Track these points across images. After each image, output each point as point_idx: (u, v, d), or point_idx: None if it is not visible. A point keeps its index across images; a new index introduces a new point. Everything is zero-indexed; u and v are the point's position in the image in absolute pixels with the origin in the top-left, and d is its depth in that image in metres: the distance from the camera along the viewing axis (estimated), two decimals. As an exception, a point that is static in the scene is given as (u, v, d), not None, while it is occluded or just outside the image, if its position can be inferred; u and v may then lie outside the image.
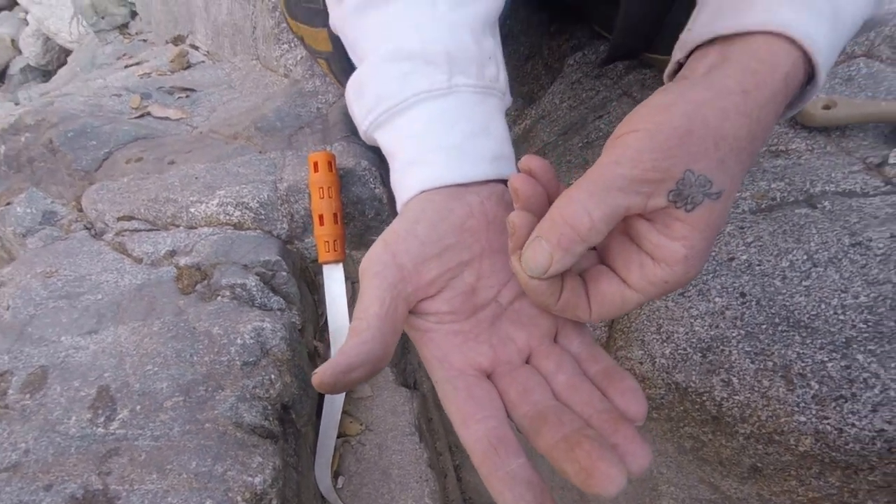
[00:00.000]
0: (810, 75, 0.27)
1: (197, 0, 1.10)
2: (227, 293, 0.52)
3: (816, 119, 0.55)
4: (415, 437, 0.52)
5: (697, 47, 0.28)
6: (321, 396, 0.53)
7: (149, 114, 0.86)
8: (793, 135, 0.57)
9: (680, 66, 0.30)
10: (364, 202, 0.61)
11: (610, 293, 0.26)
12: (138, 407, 0.43)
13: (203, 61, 1.07)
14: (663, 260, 0.25)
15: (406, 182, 0.31)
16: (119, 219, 0.66)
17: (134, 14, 1.74)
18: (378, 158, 0.64)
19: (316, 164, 0.56)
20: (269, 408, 0.44)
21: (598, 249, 0.29)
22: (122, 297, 0.54)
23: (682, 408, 0.50)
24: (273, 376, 0.46)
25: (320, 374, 0.24)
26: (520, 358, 0.29)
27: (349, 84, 0.34)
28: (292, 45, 0.80)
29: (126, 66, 1.18)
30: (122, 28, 1.77)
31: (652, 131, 0.24)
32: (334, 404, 0.52)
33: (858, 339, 0.43)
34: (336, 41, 0.55)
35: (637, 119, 0.25)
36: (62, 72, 2.00)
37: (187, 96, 0.90)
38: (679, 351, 0.49)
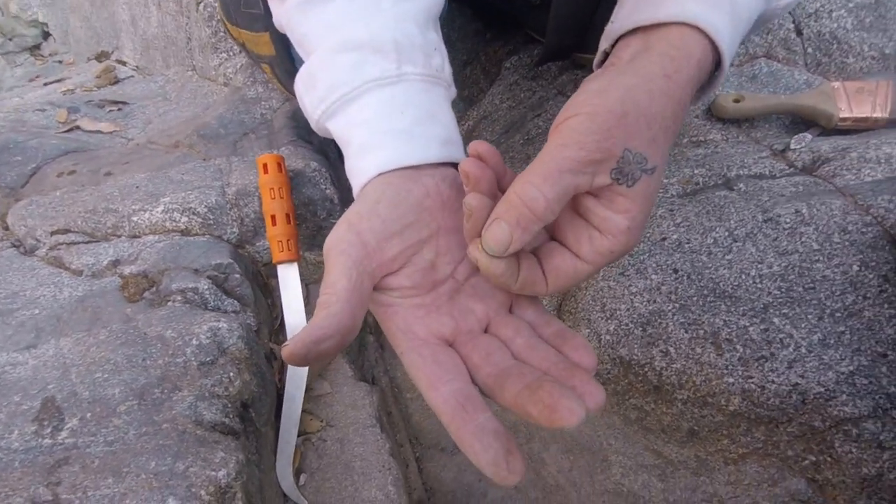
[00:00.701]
0: (717, 63, 0.31)
1: (122, 15, 1.07)
2: (179, 298, 0.52)
3: (728, 112, 0.61)
4: (376, 429, 0.52)
5: (621, 37, 0.32)
6: (280, 396, 0.53)
7: (78, 128, 0.83)
8: (710, 126, 0.63)
9: (606, 55, 0.33)
10: (315, 203, 0.62)
11: (564, 267, 0.29)
12: (88, 415, 0.41)
13: (132, 76, 1.04)
14: (609, 231, 0.27)
15: (361, 166, 0.32)
16: (53, 233, 0.63)
17: (46, 35, 1.66)
18: (327, 160, 0.65)
19: (265, 166, 0.57)
20: (230, 405, 0.43)
21: (547, 227, 0.31)
22: (61, 311, 0.52)
23: (626, 381, 0.53)
24: (232, 374, 0.45)
25: (291, 346, 0.25)
26: (479, 327, 0.30)
27: (298, 77, 0.35)
28: (231, 53, 0.79)
29: (45, 85, 1.12)
30: (34, 49, 1.68)
31: (591, 114, 0.26)
32: (294, 402, 0.52)
33: (774, 304, 0.48)
34: (279, 44, 0.56)
35: (577, 104, 0.27)
36: (-37, 96, 1.87)
37: (119, 109, 0.87)
38: (622, 327, 0.53)
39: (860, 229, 0.48)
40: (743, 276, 0.50)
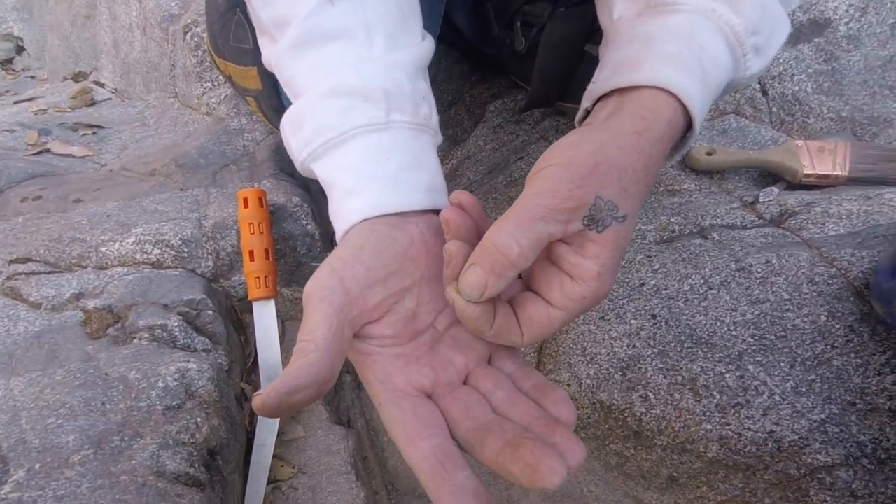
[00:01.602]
0: (689, 124, 0.32)
1: (104, 37, 1.06)
2: (146, 335, 0.49)
3: (702, 164, 0.64)
4: (350, 476, 0.50)
5: (600, 98, 0.33)
6: (250, 441, 0.50)
7: (48, 151, 0.80)
8: (684, 177, 0.66)
9: (587, 112, 0.35)
10: (296, 238, 0.60)
11: (537, 315, 0.28)
12: (38, 465, 0.38)
13: (110, 98, 1.02)
14: (580, 277, 0.28)
15: (345, 211, 0.32)
16: (12, 262, 0.59)
17: (20, 49, 1.62)
18: (309, 195, 0.64)
19: (246, 200, 0.55)
20: (195, 454, 0.41)
21: (523, 277, 0.31)
22: (15, 347, 0.49)
23: (606, 426, 0.53)
24: (199, 420, 0.43)
25: (263, 396, 0.24)
26: (459, 379, 0.30)
27: (285, 118, 0.35)
28: (216, 83, 0.79)
29: (16, 102, 1.09)
30: (5, 64, 1.64)
31: (565, 165, 0.27)
32: (265, 448, 0.49)
33: (748, 351, 0.49)
34: (266, 79, 0.56)
35: (551, 155, 0.28)
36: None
37: (94, 133, 0.85)
38: (602, 371, 0.53)
39: (826, 280, 0.50)
40: (718, 323, 0.51)
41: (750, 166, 0.64)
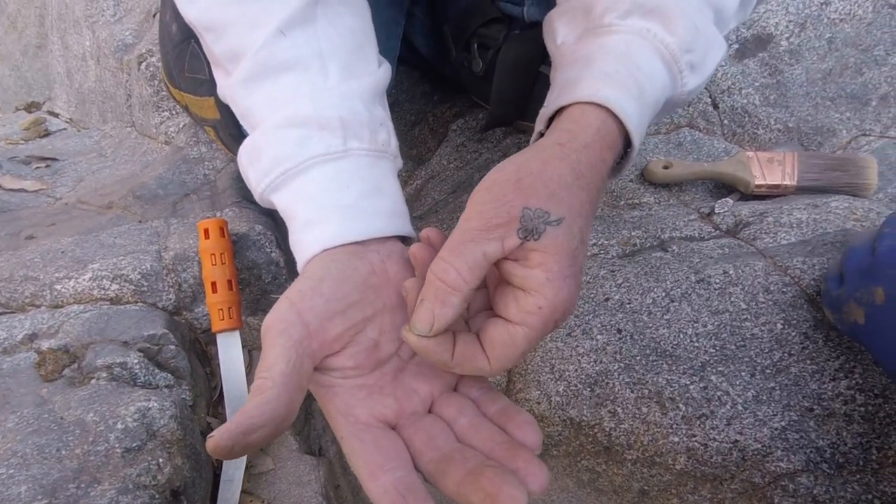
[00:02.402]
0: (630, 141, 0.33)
1: (57, 67, 1.04)
2: (104, 374, 0.48)
3: (659, 177, 0.66)
4: (323, 509, 0.49)
5: (550, 119, 0.34)
6: (217, 477, 0.49)
7: (-1, 186, 0.77)
8: (643, 190, 0.67)
9: (542, 135, 0.36)
10: (260, 267, 0.60)
11: (498, 334, 0.28)
12: (-13, 521, 0.36)
13: (65, 129, 0.99)
14: (530, 288, 0.27)
15: (305, 241, 0.32)
16: (-39, 302, 0.57)
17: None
18: (273, 222, 0.64)
19: (207, 231, 0.55)
20: (157, 496, 0.40)
21: (490, 306, 0.31)
22: (-36, 393, 0.47)
23: (577, 442, 0.53)
24: (161, 460, 0.42)
25: (216, 438, 0.23)
26: (423, 408, 0.30)
27: (241, 150, 0.35)
28: (173, 112, 0.78)
29: (-36, 136, 1.06)
30: (-46, 95, 1.59)
31: (489, 187, 0.28)
32: (232, 484, 0.48)
33: (710, 362, 0.50)
34: (224, 109, 0.55)
35: (480, 182, 0.29)
36: None
37: (47, 166, 0.83)
38: (571, 388, 0.53)
39: (781, 289, 0.52)
40: (681, 336, 0.52)
41: (705, 178, 0.66)
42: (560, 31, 0.39)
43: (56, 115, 1.02)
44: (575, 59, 0.35)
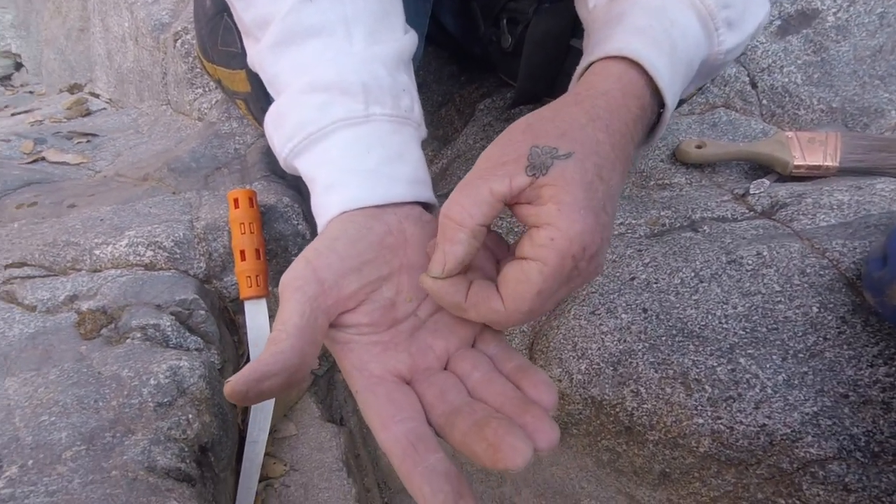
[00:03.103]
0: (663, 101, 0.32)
1: (98, 48, 1.07)
2: (138, 335, 0.49)
3: (692, 157, 0.64)
4: (342, 473, 0.50)
5: None
6: (242, 439, 0.51)
7: (43, 159, 0.81)
8: (674, 171, 0.66)
9: None
10: (287, 238, 0.61)
11: (511, 272, 0.27)
12: (30, 462, 0.38)
13: (105, 108, 1.03)
14: (543, 222, 0.26)
15: (326, 204, 0.32)
16: (7, 266, 0.60)
17: (19, 66, 1.65)
18: (300, 196, 0.65)
19: (236, 201, 0.56)
20: (186, 449, 0.41)
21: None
22: (9, 348, 0.49)
23: (598, 421, 0.53)
24: (191, 416, 0.43)
25: (232, 382, 0.24)
26: (438, 364, 0.30)
27: (268, 116, 0.36)
28: (206, 88, 0.79)
29: (13, 115, 1.11)
30: (4, 80, 1.67)
31: (500, 137, 0.29)
32: (256, 445, 0.50)
33: (740, 344, 0.49)
34: (254, 82, 0.56)
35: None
36: (-72, 128, 1.83)
37: (88, 141, 0.86)
38: (593, 366, 0.52)
39: (818, 272, 0.50)
40: (709, 317, 0.51)
41: (740, 159, 0.64)
42: None
43: (97, 96, 1.06)
44: (608, 19, 0.34)
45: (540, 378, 0.27)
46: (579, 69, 0.33)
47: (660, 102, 0.32)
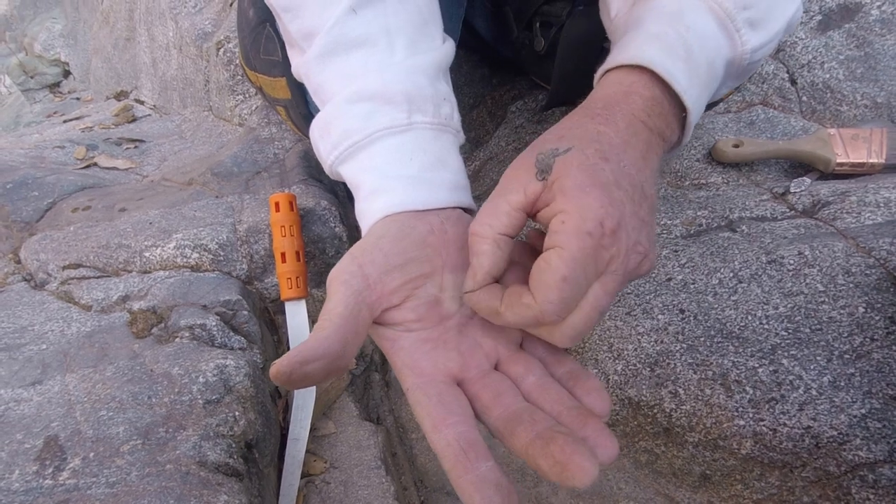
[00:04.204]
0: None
1: (143, 57, 1.12)
2: (186, 334, 0.52)
3: (728, 156, 0.63)
4: (381, 471, 0.51)
5: None
6: (284, 437, 0.52)
7: (95, 164, 0.85)
8: (710, 170, 0.65)
9: None
10: (324, 241, 0.62)
11: (536, 266, 0.27)
12: (91, 454, 0.41)
13: (149, 115, 1.07)
14: (559, 210, 0.27)
15: (370, 209, 0.33)
16: (65, 267, 0.63)
17: (67, 73, 1.73)
18: (337, 199, 0.66)
19: (277, 205, 0.58)
20: (234, 445, 0.43)
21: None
22: (69, 346, 0.52)
23: (635, 422, 0.52)
24: (237, 413, 0.45)
25: (277, 364, 0.25)
26: (489, 363, 0.30)
27: (314, 124, 0.37)
28: (247, 95, 0.82)
29: (65, 122, 1.16)
30: (53, 87, 1.74)
31: (513, 161, 0.30)
32: (298, 443, 0.51)
33: (782, 345, 0.48)
34: (295, 89, 0.58)
35: None
36: (-20, 132, 1.94)
37: (136, 147, 0.90)
38: (630, 367, 0.52)
39: (864, 271, 0.49)
40: (749, 317, 0.50)
41: (779, 157, 0.62)
42: (614, 5, 0.38)
43: (142, 103, 1.10)
44: (627, 27, 0.34)
45: (593, 385, 0.28)
46: (596, 77, 0.34)
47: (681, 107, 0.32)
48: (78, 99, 1.61)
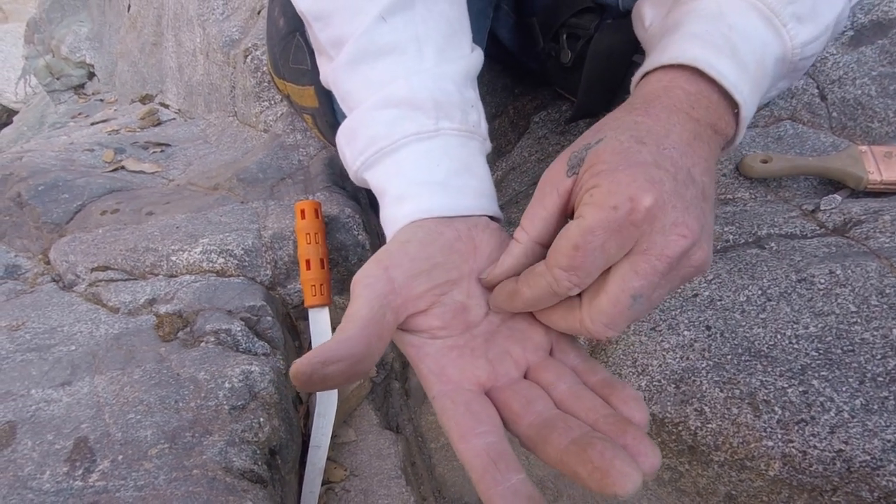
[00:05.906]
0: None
1: (170, 62, 1.14)
2: (212, 339, 0.52)
3: (756, 171, 0.62)
4: (401, 481, 0.51)
5: None
6: (305, 443, 0.52)
7: (123, 168, 0.86)
8: (738, 185, 0.64)
9: None
10: (348, 248, 0.63)
11: (565, 233, 0.26)
12: (120, 457, 0.41)
13: (174, 118, 1.09)
14: (591, 186, 0.26)
15: (396, 214, 0.33)
16: (93, 269, 0.64)
17: (91, 75, 1.76)
18: (360, 206, 0.67)
19: (303, 212, 0.58)
20: (258, 452, 0.43)
21: None
22: (97, 348, 0.53)
23: (659, 439, 0.52)
24: (262, 420, 0.45)
25: (297, 364, 0.24)
26: (518, 371, 0.29)
27: (340, 130, 0.37)
28: (272, 101, 0.83)
29: (92, 124, 1.18)
30: (78, 88, 1.78)
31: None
32: (319, 450, 0.51)
33: (812, 365, 0.47)
34: (323, 97, 0.59)
35: None
36: (6, 131, 1.98)
37: (162, 151, 0.91)
38: (654, 383, 0.52)
39: (898, 292, 0.48)
40: (778, 336, 0.49)
41: (809, 173, 0.61)
42: (648, 15, 0.38)
43: (166, 107, 1.12)
44: (664, 32, 0.34)
45: (630, 394, 0.26)
46: (635, 79, 0.33)
47: (732, 104, 0.32)
48: (101, 101, 1.64)
